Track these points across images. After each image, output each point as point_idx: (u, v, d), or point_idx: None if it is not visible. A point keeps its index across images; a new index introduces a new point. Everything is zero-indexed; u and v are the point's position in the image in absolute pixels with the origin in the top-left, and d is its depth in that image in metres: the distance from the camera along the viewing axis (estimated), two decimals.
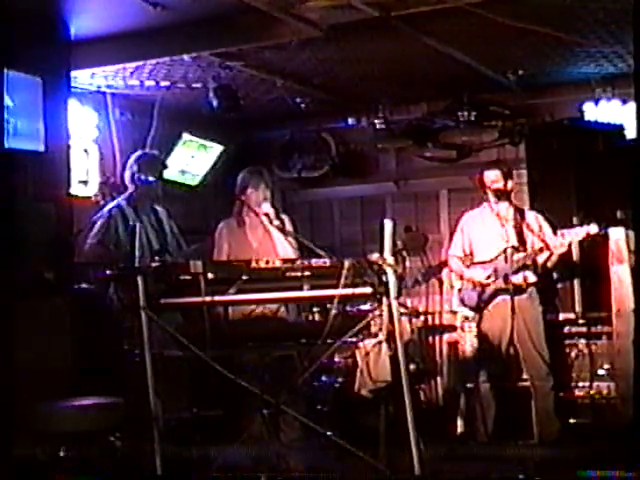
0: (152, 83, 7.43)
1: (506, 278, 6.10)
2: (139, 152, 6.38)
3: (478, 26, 6.22)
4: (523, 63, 7.37)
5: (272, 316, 5.25)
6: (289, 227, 5.87)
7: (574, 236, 6.04)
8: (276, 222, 5.70)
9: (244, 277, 4.48)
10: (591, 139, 7.08)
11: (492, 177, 6.32)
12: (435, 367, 7.08)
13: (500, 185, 6.29)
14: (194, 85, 7.42)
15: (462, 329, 6.92)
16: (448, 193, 8.81)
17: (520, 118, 8.09)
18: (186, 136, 8.27)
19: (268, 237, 5.86)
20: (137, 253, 4.41)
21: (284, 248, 5.79)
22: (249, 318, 5.04)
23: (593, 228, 5.96)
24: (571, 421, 6.32)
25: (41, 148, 5.85)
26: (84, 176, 7.40)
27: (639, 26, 4.34)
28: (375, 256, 4.53)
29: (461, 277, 6.47)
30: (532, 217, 6.36)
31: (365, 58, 7.13)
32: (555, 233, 6.20)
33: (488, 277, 6.17)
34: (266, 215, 5.71)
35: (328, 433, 4.73)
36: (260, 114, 8.40)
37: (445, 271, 7.27)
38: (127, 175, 6.14)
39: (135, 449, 4.52)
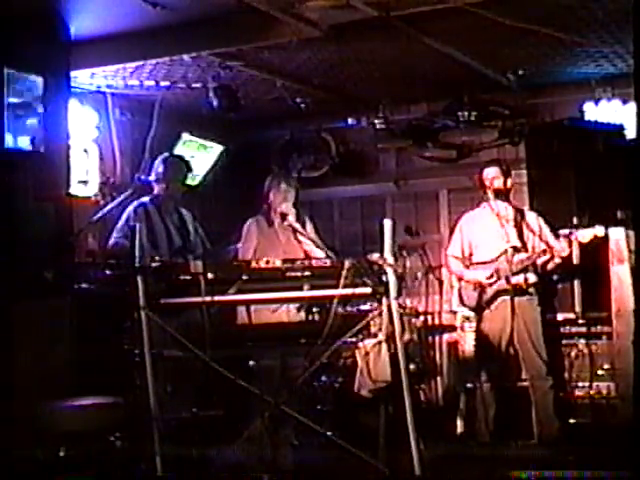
0: (152, 83, 7.43)
1: (507, 279, 6.09)
2: (165, 154, 6.48)
3: (478, 26, 6.22)
4: (523, 63, 7.37)
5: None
6: (310, 228, 6.10)
7: (581, 238, 6.01)
8: (291, 218, 5.86)
9: (244, 277, 4.48)
10: (591, 139, 7.07)
11: (493, 173, 6.29)
12: (435, 367, 7.07)
13: (500, 182, 6.26)
14: (194, 85, 7.42)
15: (462, 329, 6.91)
16: (448, 193, 8.80)
17: (520, 118, 8.09)
18: (186, 136, 8.27)
19: (294, 237, 6.01)
20: (137, 253, 4.41)
21: (310, 246, 5.95)
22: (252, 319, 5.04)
23: (600, 230, 5.93)
24: (571, 421, 6.31)
25: (41, 148, 5.85)
26: (84, 176, 7.41)
27: (639, 26, 4.34)
28: (375, 256, 4.53)
29: (460, 278, 6.46)
30: (532, 217, 6.34)
31: (365, 58, 7.13)
32: (554, 234, 6.19)
33: (489, 277, 6.17)
34: (282, 214, 5.83)
35: (328, 433, 4.72)
36: (260, 114, 8.39)
37: (445, 271, 7.26)
38: (152, 176, 6.22)
39: (135, 449, 4.52)
